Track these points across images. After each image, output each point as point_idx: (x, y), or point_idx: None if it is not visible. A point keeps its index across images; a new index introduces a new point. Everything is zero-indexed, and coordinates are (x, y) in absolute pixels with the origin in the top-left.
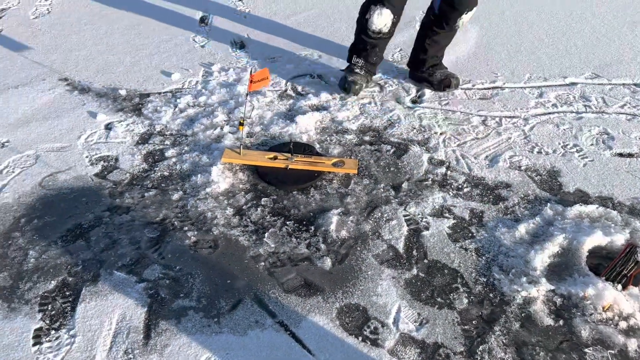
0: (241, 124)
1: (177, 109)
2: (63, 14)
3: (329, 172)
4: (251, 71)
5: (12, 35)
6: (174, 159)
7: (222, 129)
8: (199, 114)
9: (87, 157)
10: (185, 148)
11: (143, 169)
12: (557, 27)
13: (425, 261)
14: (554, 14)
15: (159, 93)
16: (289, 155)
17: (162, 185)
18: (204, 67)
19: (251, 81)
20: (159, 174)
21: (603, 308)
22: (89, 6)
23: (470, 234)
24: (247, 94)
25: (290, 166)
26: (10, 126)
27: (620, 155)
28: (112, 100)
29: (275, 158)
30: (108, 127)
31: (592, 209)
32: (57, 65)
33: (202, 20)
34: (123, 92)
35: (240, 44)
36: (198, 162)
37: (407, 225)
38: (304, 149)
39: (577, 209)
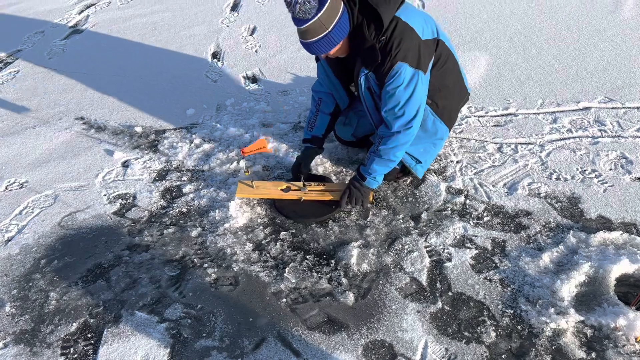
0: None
1: (192, 144)
2: (77, 54)
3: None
4: (249, 143)
5: (29, 76)
6: (191, 195)
7: (238, 163)
8: (214, 149)
9: (105, 195)
10: (202, 183)
11: (161, 205)
12: (566, 52)
13: (450, 293)
14: (562, 39)
15: (175, 129)
16: (302, 185)
17: (181, 221)
18: (218, 101)
19: (243, 152)
20: (177, 210)
21: (636, 339)
22: (101, 46)
23: (493, 265)
24: (242, 159)
25: (303, 198)
26: (28, 166)
27: None
28: (128, 138)
29: (288, 188)
30: (125, 164)
31: (616, 235)
32: (72, 105)
33: (214, 55)
34: (139, 129)
35: (252, 78)
36: (215, 198)
37: (429, 257)
38: (318, 179)
39: (600, 235)
